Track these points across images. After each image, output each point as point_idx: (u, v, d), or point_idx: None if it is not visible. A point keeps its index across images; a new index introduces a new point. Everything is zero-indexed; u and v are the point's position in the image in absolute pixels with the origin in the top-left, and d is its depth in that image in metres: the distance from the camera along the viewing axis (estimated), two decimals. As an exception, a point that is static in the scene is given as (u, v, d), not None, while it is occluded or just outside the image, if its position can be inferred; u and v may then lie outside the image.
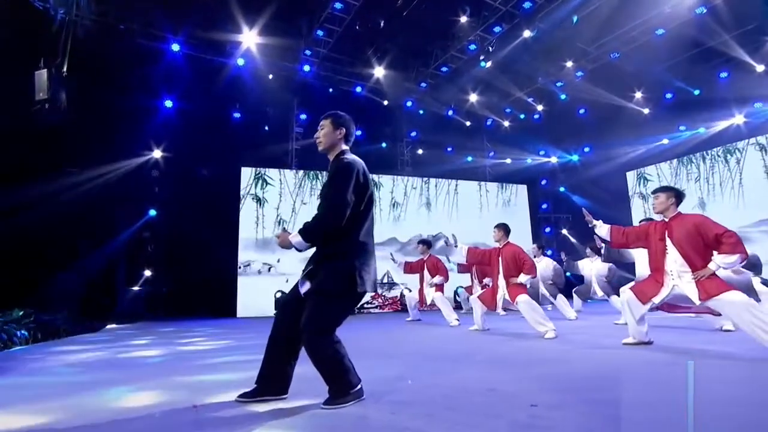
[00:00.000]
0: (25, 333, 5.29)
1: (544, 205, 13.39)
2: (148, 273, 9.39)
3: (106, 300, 8.46)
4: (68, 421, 2.07)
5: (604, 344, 3.99)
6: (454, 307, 8.17)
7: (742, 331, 3.25)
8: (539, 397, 2.22)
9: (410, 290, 8.88)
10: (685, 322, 5.29)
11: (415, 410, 2.08)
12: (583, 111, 12.00)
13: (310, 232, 2.22)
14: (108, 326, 7.52)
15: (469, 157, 12.90)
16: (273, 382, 2.28)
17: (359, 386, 2.20)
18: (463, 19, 9.07)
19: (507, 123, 12.79)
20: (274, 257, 10.08)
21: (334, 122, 2.42)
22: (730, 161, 9.81)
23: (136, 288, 9.22)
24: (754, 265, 4.75)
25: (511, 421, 1.89)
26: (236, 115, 10.36)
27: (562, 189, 13.33)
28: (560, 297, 6.90)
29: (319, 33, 9.20)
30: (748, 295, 3.26)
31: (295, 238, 2.22)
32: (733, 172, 9.71)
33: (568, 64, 10.33)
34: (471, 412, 2.06)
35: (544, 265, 7.19)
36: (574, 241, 12.32)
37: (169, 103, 9.52)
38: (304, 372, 2.33)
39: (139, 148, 9.26)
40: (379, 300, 10.62)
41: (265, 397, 2.26)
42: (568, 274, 7.78)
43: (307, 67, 10.09)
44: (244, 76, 9.66)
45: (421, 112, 12.18)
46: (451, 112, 12.38)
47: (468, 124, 12.67)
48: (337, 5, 8.39)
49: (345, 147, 2.44)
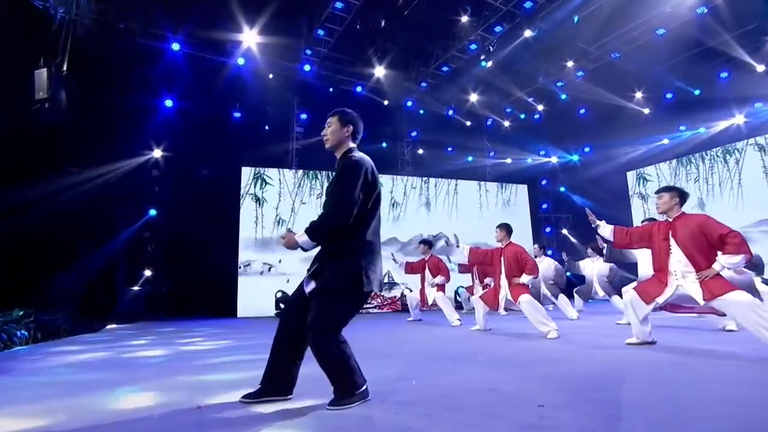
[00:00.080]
0: (25, 333, 5.28)
1: (545, 205, 13.38)
2: (148, 273, 9.36)
3: (106, 300, 8.43)
4: (69, 422, 2.04)
5: (606, 344, 3.98)
6: (455, 307, 8.14)
7: (746, 330, 3.25)
8: (543, 398, 2.21)
9: (411, 290, 8.87)
10: (688, 322, 5.28)
11: (418, 410, 2.07)
12: (583, 111, 11.98)
13: (317, 231, 2.19)
14: (108, 326, 7.49)
15: (470, 157, 12.88)
16: (278, 382, 2.26)
17: (364, 387, 2.18)
18: (463, 19, 9.05)
19: (507, 123, 12.77)
20: (275, 257, 10.05)
21: (342, 119, 2.38)
22: (729, 161, 9.81)
23: (136, 288, 9.19)
24: (755, 265, 4.74)
25: (515, 422, 1.88)
26: (236, 115, 10.34)
27: (562, 189, 13.32)
28: (562, 297, 6.90)
29: (320, 32, 9.17)
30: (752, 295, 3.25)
31: (302, 237, 2.18)
32: (732, 173, 9.71)
33: (569, 64, 10.32)
34: (474, 413, 2.05)
35: (546, 265, 7.19)
36: (574, 241, 12.30)
37: (169, 103, 9.50)
38: (309, 372, 2.32)
39: (139, 148, 9.23)
40: (378, 300, 10.58)
41: (270, 397, 2.24)
42: (569, 273, 7.78)
43: (307, 67, 10.06)
44: (245, 75, 9.63)
45: (422, 111, 12.16)
46: (451, 112, 12.36)
47: (468, 123, 12.65)
48: (338, 4, 8.35)
49: (352, 145, 2.40)
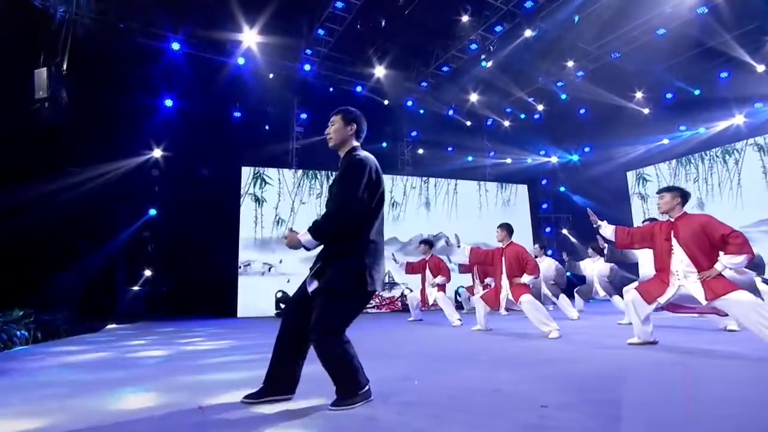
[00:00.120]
0: (25, 333, 5.26)
1: (545, 205, 13.37)
2: (148, 273, 9.33)
3: (106, 300, 8.40)
4: (70, 423, 2.03)
5: (608, 344, 3.97)
6: (455, 307, 8.14)
7: (748, 330, 3.24)
8: (546, 398, 2.21)
9: (411, 290, 8.86)
10: (690, 322, 5.28)
11: (422, 411, 2.06)
12: (583, 111, 11.98)
13: (321, 230, 2.17)
14: (108, 326, 7.48)
15: (470, 157, 12.87)
16: (280, 381, 2.25)
17: (367, 387, 2.17)
18: (464, 19, 9.04)
19: (507, 123, 12.77)
20: (275, 257, 10.03)
21: (345, 118, 2.36)
22: (728, 162, 9.81)
23: (136, 288, 9.17)
24: (756, 264, 4.74)
25: (519, 422, 1.87)
26: (236, 115, 10.33)
27: (562, 189, 13.32)
28: (562, 297, 6.89)
29: (320, 32, 9.15)
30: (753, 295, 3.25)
31: (305, 236, 2.16)
32: (732, 173, 9.72)
33: (569, 64, 10.31)
34: (478, 413, 2.04)
35: (547, 265, 7.19)
36: (574, 241, 12.30)
37: (169, 102, 9.48)
38: (311, 372, 2.30)
39: (139, 148, 9.21)
40: (377, 300, 10.55)
41: (273, 396, 2.23)
42: (569, 274, 7.77)
43: (307, 67, 10.05)
44: (245, 75, 9.62)
45: (422, 111, 12.15)
46: (451, 112, 12.36)
47: (468, 123, 12.65)
48: (339, 4, 8.34)
49: (356, 143, 2.39)
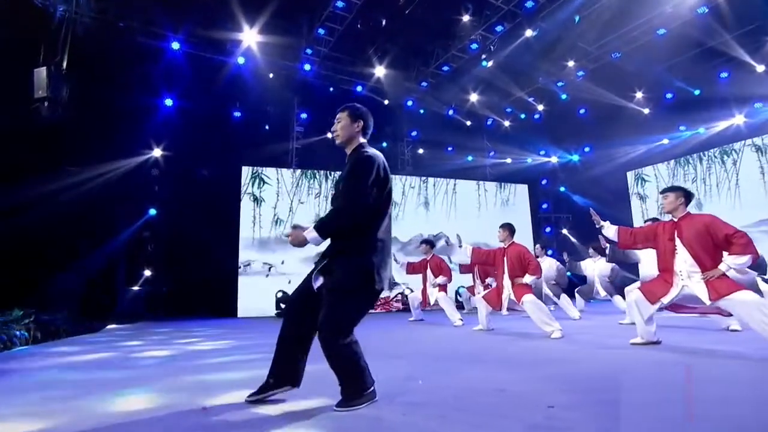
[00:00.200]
0: (25, 333, 5.24)
1: (545, 205, 13.37)
2: (147, 273, 9.30)
3: (106, 300, 8.38)
4: (72, 424, 2.01)
5: (611, 344, 3.96)
6: (456, 307, 8.13)
7: (752, 330, 3.23)
8: (551, 398, 2.20)
9: (412, 290, 8.85)
10: (692, 322, 5.27)
11: (428, 411, 2.05)
12: (583, 111, 11.99)
13: (328, 227, 2.14)
14: (108, 326, 7.45)
15: (470, 157, 12.86)
16: (284, 375, 2.22)
17: (372, 387, 2.16)
18: (464, 18, 9.04)
19: (507, 123, 12.77)
20: (275, 257, 10.01)
21: (352, 114, 2.34)
22: (726, 162, 9.83)
23: (135, 288, 9.14)
24: (758, 264, 4.74)
25: (526, 422, 1.86)
26: (237, 114, 10.31)
27: (562, 189, 13.33)
28: (564, 297, 6.89)
29: (321, 31, 9.13)
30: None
31: (311, 233, 2.12)
32: (730, 173, 9.73)
33: (570, 64, 10.31)
34: (484, 413, 2.04)
35: (548, 266, 7.19)
36: (574, 241, 12.31)
37: (169, 102, 9.46)
38: (313, 371, 2.29)
39: (139, 147, 9.18)
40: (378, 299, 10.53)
41: (277, 389, 2.20)
42: (569, 273, 7.77)
43: (307, 66, 10.04)
44: (245, 74, 9.60)
45: (422, 111, 12.14)
46: (451, 112, 12.35)
47: (468, 123, 12.65)
48: (339, 3, 8.32)
49: (363, 140, 2.37)
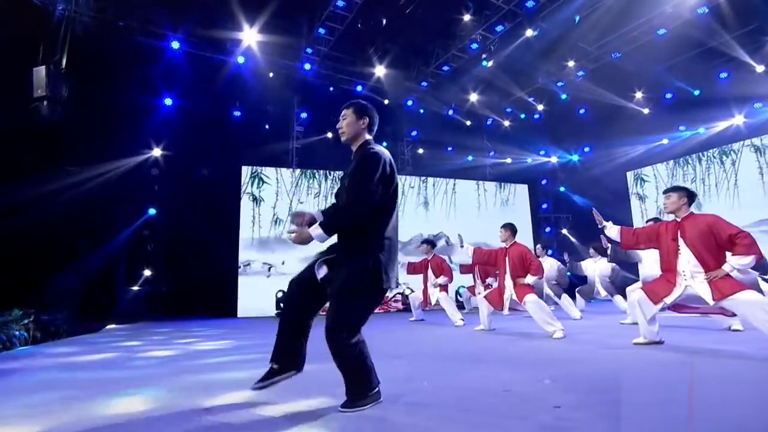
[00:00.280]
0: (25, 334, 5.22)
1: (545, 205, 13.37)
2: (147, 273, 9.27)
3: (106, 300, 8.36)
4: (71, 425, 1.99)
5: (613, 344, 3.96)
6: (456, 306, 8.12)
7: (754, 330, 3.23)
8: (557, 398, 2.19)
9: (412, 290, 8.84)
10: (694, 322, 5.26)
11: (433, 412, 2.05)
12: (583, 111, 11.99)
13: (333, 224, 2.11)
14: (108, 326, 7.43)
15: (470, 157, 12.85)
16: (289, 360, 2.19)
17: (378, 388, 2.15)
18: (465, 18, 9.03)
19: (507, 123, 12.77)
20: (275, 257, 9.99)
21: (357, 111, 2.32)
22: (725, 162, 9.84)
23: (135, 288, 9.11)
24: (761, 264, 4.73)
25: (534, 423, 1.86)
26: (236, 114, 10.29)
27: (562, 189, 13.33)
28: (565, 297, 6.88)
29: (321, 31, 9.11)
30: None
31: (316, 230, 2.08)
32: (729, 174, 9.74)
33: (570, 64, 10.31)
34: (491, 414, 2.03)
35: (548, 266, 7.18)
36: (574, 241, 12.31)
37: (168, 101, 9.42)
38: (314, 371, 2.28)
39: (138, 147, 9.14)
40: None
41: (282, 375, 2.17)
42: (568, 273, 7.77)
43: (308, 66, 10.01)
44: (245, 74, 9.57)
45: (422, 111, 12.13)
46: (451, 112, 12.34)
47: (468, 123, 12.64)
48: (340, 3, 8.29)
49: (369, 137, 2.34)
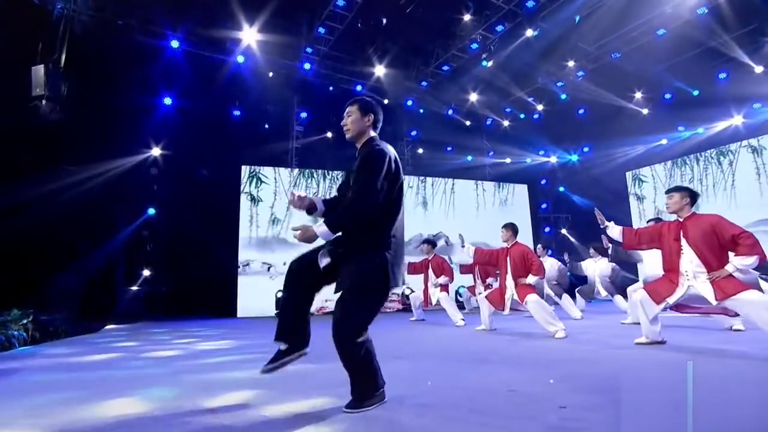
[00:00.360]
0: (24, 334, 5.20)
1: (544, 205, 13.38)
2: (147, 272, 9.24)
3: (106, 300, 8.33)
4: (71, 426, 1.98)
5: (615, 344, 3.96)
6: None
7: (757, 330, 3.24)
8: (562, 398, 2.19)
9: (412, 290, 8.83)
10: (696, 322, 5.27)
11: (441, 413, 2.04)
12: (582, 111, 12.01)
13: (339, 221, 2.09)
14: (107, 326, 7.41)
15: (469, 157, 12.85)
16: (297, 340, 2.16)
17: (383, 389, 2.14)
18: (465, 18, 9.02)
19: (507, 122, 12.78)
20: (274, 257, 9.95)
21: (362, 108, 2.31)
22: (723, 163, 9.87)
23: (135, 288, 9.07)
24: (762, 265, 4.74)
25: (542, 423, 1.85)
26: (236, 113, 10.26)
27: (561, 189, 13.34)
28: (565, 297, 6.88)
29: (321, 30, 9.09)
30: (763, 295, 3.24)
31: (320, 228, 2.05)
32: (726, 174, 9.76)
33: (569, 64, 10.32)
34: (498, 414, 2.02)
35: (549, 266, 7.16)
36: (573, 240, 12.32)
37: (168, 101, 9.39)
38: (314, 371, 2.27)
39: (138, 146, 9.11)
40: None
41: (291, 355, 2.14)
42: (568, 273, 7.77)
43: (307, 65, 9.99)
44: (245, 73, 9.55)
45: (422, 111, 12.13)
46: (451, 112, 12.34)
47: (468, 123, 12.64)
48: (340, 2, 8.28)
49: (374, 134, 2.34)
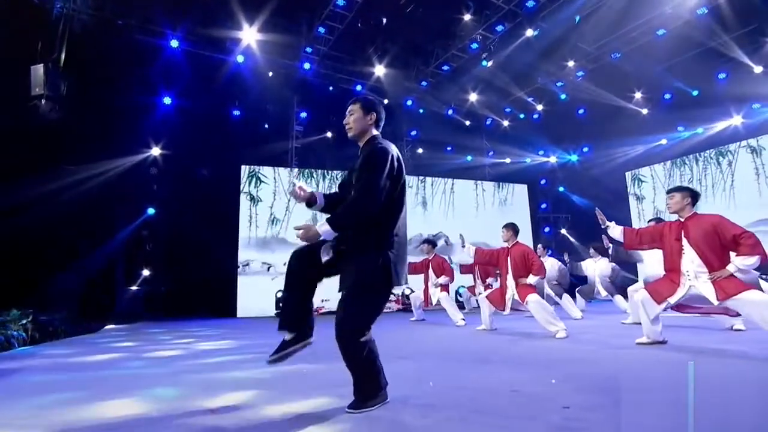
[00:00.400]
0: (23, 334, 5.18)
1: (544, 205, 13.39)
2: (146, 272, 9.22)
3: (106, 300, 8.31)
4: (71, 426, 1.96)
5: (616, 344, 3.96)
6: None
7: (758, 330, 3.24)
8: (565, 398, 2.19)
9: (412, 290, 8.82)
10: (697, 322, 5.27)
11: (446, 414, 2.03)
12: (582, 111, 12.02)
13: (342, 220, 2.08)
14: (107, 326, 7.40)
15: (469, 157, 12.85)
16: (301, 329, 2.14)
17: (385, 389, 2.14)
18: (465, 18, 9.02)
19: (506, 122, 12.78)
20: (274, 257, 9.94)
21: (364, 107, 2.30)
22: (722, 163, 9.88)
23: (134, 288, 9.05)
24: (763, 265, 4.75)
25: (546, 423, 1.85)
26: (236, 113, 10.25)
27: (561, 189, 13.35)
28: (566, 297, 6.89)
29: (321, 30, 9.08)
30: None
31: (323, 227, 2.04)
32: (725, 174, 9.78)
33: (569, 64, 10.32)
34: (502, 415, 2.02)
35: (549, 266, 7.16)
36: (573, 240, 12.33)
37: (168, 100, 9.37)
38: (314, 370, 2.26)
39: (137, 146, 9.09)
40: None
41: (298, 345, 2.12)
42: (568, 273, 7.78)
43: (307, 65, 9.97)
44: (244, 73, 9.54)
45: (421, 111, 12.12)
46: (451, 112, 12.34)
47: (468, 123, 12.64)
48: (340, 2, 8.28)
49: (376, 132, 2.33)
